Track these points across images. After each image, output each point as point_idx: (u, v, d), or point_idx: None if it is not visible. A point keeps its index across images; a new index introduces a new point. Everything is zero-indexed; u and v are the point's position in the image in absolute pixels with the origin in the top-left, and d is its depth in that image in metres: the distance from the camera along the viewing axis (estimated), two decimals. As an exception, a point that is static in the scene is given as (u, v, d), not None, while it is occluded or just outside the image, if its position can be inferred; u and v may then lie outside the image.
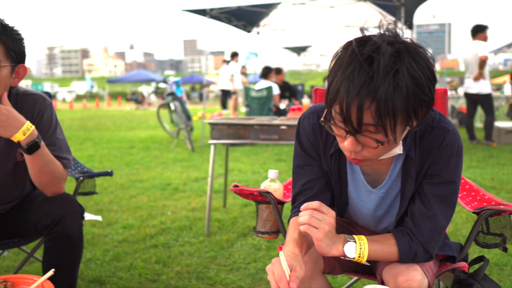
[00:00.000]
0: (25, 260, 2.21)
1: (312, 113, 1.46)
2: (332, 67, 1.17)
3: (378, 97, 1.08)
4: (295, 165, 1.51)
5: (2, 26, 1.74)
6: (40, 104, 1.93)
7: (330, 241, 1.26)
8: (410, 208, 1.37)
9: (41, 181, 1.90)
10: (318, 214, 1.25)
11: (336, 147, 1.40)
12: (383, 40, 1.11)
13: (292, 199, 1.55)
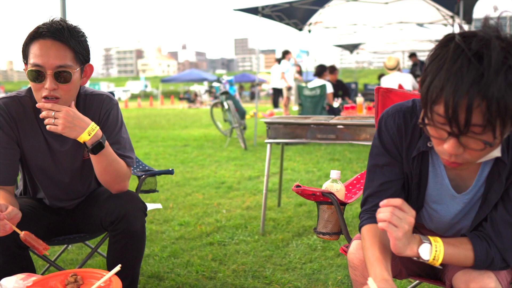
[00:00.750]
0: (90, 255, 2.28)
1: (398, 112, 1.40)
2: (429, 66, 1.11)
3: (490, 95, 1.01)
4: (373, 164, 1.46)
5: (69, 31, 1.77)
6: (107, 104, 1.99)
7: (406, 241, 1.21)
8: (491, 214, 1.30)
9: (105, 179, 1.95)
10: (400, 212, 1.20)
11: (419, 150, 1.34)
12: (490, 34, 1.04)
13: (363, 200, 1.49)
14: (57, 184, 2.05)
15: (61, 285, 1.55)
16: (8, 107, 1.89)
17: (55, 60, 1.73)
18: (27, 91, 1.94)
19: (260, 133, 9.10)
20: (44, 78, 1.73)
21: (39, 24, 1.77)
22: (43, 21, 1.79)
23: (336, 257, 2.99)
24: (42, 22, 1.78)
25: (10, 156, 1.89)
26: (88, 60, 1.88)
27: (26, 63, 1.81)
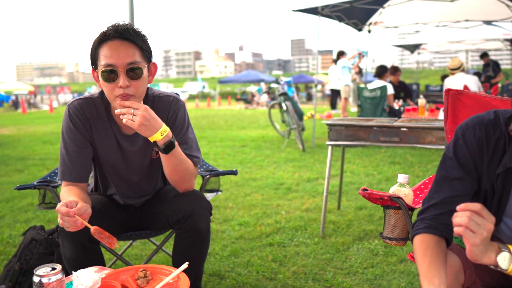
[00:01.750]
0: (155, 252, 2.35)
1: (479, 125, 1.35)
2: None
3: None
4: (442, 175, 1.41)
5: (133, 31, 1.84)
6: (174, 105, 2.04)
7: (484, 248, 1.16)
8: None
9: (174, 178, 2.00)
10: (478, 218, 1.15)
11: (505, 166, 1.28)
12: None
13: (423, 209, 1.44)
14: (127, 182, 2.13)
15: (132, 279, 1.60)
16: (82, 108, 1.98)
17: (125, 58, 1.79)
18: (99, 93, 2.03)
19: (318, 135, 9.03)
20: (117, 77, 1.80)
21: (104, 29, 1.85)
22: (107, 25, 1.87)
23: (399, 263, 2.92)
24: (106, 26, 1.86)
25: (84, 155, 1.98)
26: (151, 59, 1.94)
27: (94, 68, 1.88)
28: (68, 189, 1.91)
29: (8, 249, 3.36)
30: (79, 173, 1.96)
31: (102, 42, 1.83)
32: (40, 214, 4.22)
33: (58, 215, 1.60)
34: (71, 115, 1.96)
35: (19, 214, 4.29)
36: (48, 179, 2.42)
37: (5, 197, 4.96)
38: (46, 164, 7.04)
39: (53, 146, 9.25)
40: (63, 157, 1.97)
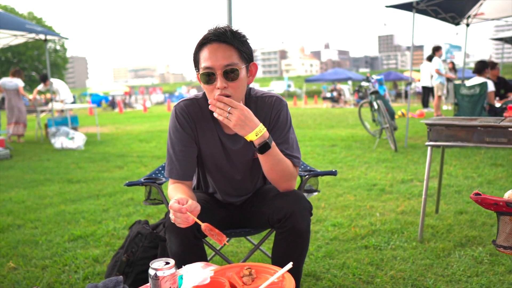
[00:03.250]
0: (253, 250, 2.38)
1: None
2: None
3: None
4: None
5: (231, 33, 1.88)
6: (277, 105, 2.06)
7: None
8: None
9: (273, 177, 2.02)
10: None
11: None
12: None
13: None
14: (229, 181, 2.18)
15: (237, 277, 1.63)
16: (188, 108, 2.06)
17: (222, 60, 1.84)
18: (203, 94, 2.09)
19: (411, 134, 8.71)
20: (215, 79, 1.85)
21: (205, 33, 1.91)
22: (208, 28, 1.93)
23: (507, 273, 2.72)
24: (207, 30, 1.92)
25: (190, 154, 2.05)
26: (251, 59, 1.96)
27: (197, 70, 1.95)
28: (175, 187, 1.99)
29: (113, 241, 3.58)
30: (185, 172, 2.03)
31: (202, 46, 1.90)
32: (140, 209, 4.45)
33: (167, 211, 1.67)
34: (178, 115, 2.04)
35: (121, 208, 4.55)
36: (153, 176, 2.55)
37: (108, 191, 5.30)
38: (143, 161, 7.43)
39: (148, 144, 9.74)
40: (170, 155, 2.06)
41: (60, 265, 3.15)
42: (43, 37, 10.34)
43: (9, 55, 45.55)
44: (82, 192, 5.36)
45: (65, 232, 3.83)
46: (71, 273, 3.01)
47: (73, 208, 4.59)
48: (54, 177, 6.30)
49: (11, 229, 4.00)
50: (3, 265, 3.19)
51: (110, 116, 23.95)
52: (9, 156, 8.45)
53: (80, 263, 3.16)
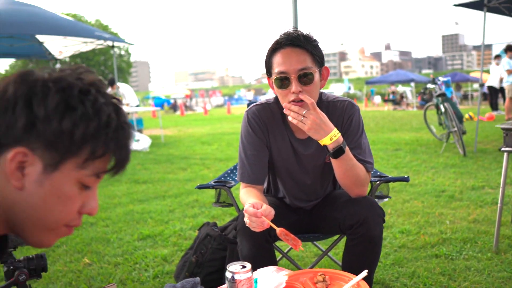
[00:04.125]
0: (322, 256, 2.36)
1: None
2: None
3: None
4: None
5: (304, 37, 1.88)
6: (349, 110, 2.03)
7: None
8: None
9: (345, 183, 1.99)
10: None
11: None
12: None
13: None
14: (300, 185, 2.17)
15: (311, 282, 1.62)
16: (260, 113, 2.07)
17: (297, 65, 1.84)
18: (274, 99, 2.10)
19: (480, 138, 8.32)
20: (289, 83, 1.85)
21: (276, 38, 1.91)
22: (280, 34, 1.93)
23: None
24: (279, 35, 1.92)
25: (261, 158, 2.07)
26: (323, 63, 1.95)
27: (269, 76, 1.96)
28: (247, 191, 2.01)
29: (180, 241, 3.66)
30: (257, 176, 2.05)
31: (275, 51, 1.91)
32: (205, 211, 4.53)
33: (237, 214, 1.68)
34: (250, 120, 2.06)
35: (187, 209, 4.66)
36: (222, 179, 2.58)
37: (173, 193, 5.44)
38: (206, 163, 7.56)
39: (210, 147, 9.91)
40: (242, 160, 2.08)
41: (131, 263, 3.26)
42: (110, 43, 10.79)
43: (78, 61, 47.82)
44: (149, 192, 5.53)
45: (134, 231, 3.96)
46: (142, 271, 3.11)
47: (141, 208, 4.75)
48: (122, 177, 6.54)
49: (85, 226, 4.19)
50: (78, 260, 3.35)
51: (172, 118, 24.60)
52: (80, 156, 8.86)
53: (149, 261, 3.26)
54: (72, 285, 2.98)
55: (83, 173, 0.82)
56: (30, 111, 0.76)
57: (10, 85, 0.78)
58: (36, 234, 0.83)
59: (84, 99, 0.79)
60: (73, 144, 0.78)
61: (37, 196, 0.79)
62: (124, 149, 0.85)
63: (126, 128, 0.84)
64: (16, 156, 0.77)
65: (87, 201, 0.87)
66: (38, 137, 0.77)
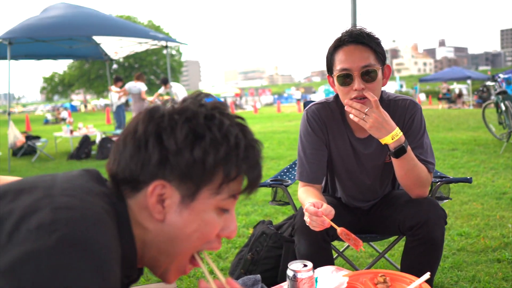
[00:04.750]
0: (378, 258, 2.33)
1: None
2: None
3: None
4: None
5: (367, 35, 1.86)
6: (411, 109, 2.00)
7: None
8: None
9: (406, 183, 1.96)
10: None
11: None
12: None
13: None
14: (358, 185, 2.15)
15: (371, 283, 1.61)
16: (320, 112, 2.07)
17: (360, 62, 1.82)
18: (334, 97, 2.09)
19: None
20: (351, 81, 1.84)
21: (338, 36, 1.90)
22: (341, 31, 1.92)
23: None
24: (341, 33, 1.91)
25: (320, 157, 2.06)
26: (385, 61, 1.92)
27: (330, 74, 1.96)
28: (306, 190, 2.01)
29: (233, 239, 3.70)
30: (316, 175, 2.05)
31: (337, 48, 1.90)
32: (258, 209, 4.56)
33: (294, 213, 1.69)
34: (309, 119, 2.06)
35: (240, 207, 4.70)
36: (278, 178, 2.60)
37: (226, 190, 5.50)
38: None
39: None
40: (301, 158, 2.09)
41: (187, 259, 3.33)
42: (164, 44, 11.04)
43: (131, 61, 49.24)
44: (202, 190, 5.62)
45: (189, 228, 4.04)
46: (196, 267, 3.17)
47: (195, 205, 4.83)
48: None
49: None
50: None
51: (223, 117, 24.84)
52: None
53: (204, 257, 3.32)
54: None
55: (219, 198, 0.83)
56: (161, 146, 0.79)
57: (139, 124, 0.81)
58: (165, 267, 0.87)
59: (211, 125, 0.80)
60: (206, 171, 0.79)
61: (178, 225, 0.82)
62: (257, 168, 0.85)
63: (255, 146, 0.84)
64: (155, 189, 0.79)
65: (227, 224, 0.88)
66: (172, 170, 0.79)
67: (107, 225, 0.74)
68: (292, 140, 10.37)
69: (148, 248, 0.85)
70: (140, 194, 0.82)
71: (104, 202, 0.79)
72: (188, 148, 0.79)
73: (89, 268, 0.66)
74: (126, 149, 0.81)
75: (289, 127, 14.54)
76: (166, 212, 0.81)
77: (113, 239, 0.74)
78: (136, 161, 0.80)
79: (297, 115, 22.01)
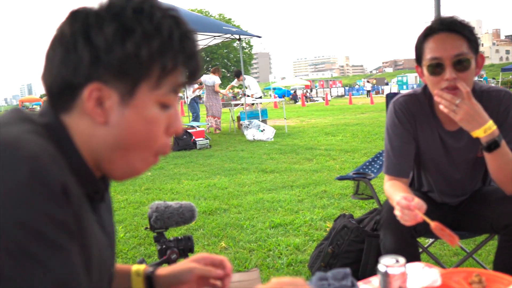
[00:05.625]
0: (466, 257, 2.24)
1: None
2: None
3: None
4: None
5: (460, 23, 1.77)
6: (506, 100, 1.89)
7: None
8: None
9: (500, 179, 1.86)
10: None
11: None
12: None
13: None
14: (447, 180, 2.07)
15: (465, 282, 1.54)
16: (407, 104, 2.01)
17: (452, 50, 1.74)
18: (422, 89, 2.02)
19: None
20: (442, 70, 1.76)
21: (428, 24, 1.83)
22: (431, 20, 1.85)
23: None
24: (431, 21, 1.85)
25: (408, 150, 2.01)
26: (478, 50, 1.82)
27: (418, 63, 1.89)
28: (393, 184, 1.96)
29: (311, 231, 3.71)
30: (403, 168, 2.00)
31: (427, 36, 1.83)
32: (334, 202, 4.53)
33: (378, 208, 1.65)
34: (397, 111, 2.01)
35: (315, 199, 4.69)
36: (361, 171, 2.56)
37: (301, 183, 5.51)
38: (332, 154, 7.53)
39: (334, 138, 9.85)
40: (387, 151, 2.04)
41: (265, 249, 3.38)
42: (237, 37, 11.19)
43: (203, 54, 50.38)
44: (276, 182, 5.67)
45: (265, 219, 4.09)
46: (275, 258, 3.20)
47: (270, 197, 4.88)
48: (250, 166, 6.78)
49: (219, 212, 4.42)
50: (215, 244, 3.56)
51: (293, 109, 24.86)
52: (208, 145, 9.36)
53: (282, 249, 3.35)
54: (211, 267, 3.17)
55: (159, 92, 0.81)
56: (91, 45, 0.76)
57: (65, 26, 0.79)
58: (125, 164, 0.84)
59: (140, 18, 0.77)
60: (141, 66, 0.77)
61: (122, 126, 0.79)
62: (194, 58, 0.83)
63: (190, 37, 0.82)
64: (91, 93, 0.77)
65: (171, 121, 0.85)
66: (106, 69, 0.76)
67: (35, 139, 0.72)
68: (366, 133, 10.17)
69: (101, 154, 0.82)
70: (77, 102, 0.79)
71: (29, 124, 0.76)
72: (119, 43, 0.76)
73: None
74: (56, 55, 0.78)
75: (363, 119, 14.26)
76: (107, 114, 0.79)
77: (44, 146, 0.71)
78: (67, 65, 0.77)
79: (370, 107, 21.54)
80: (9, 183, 0.64)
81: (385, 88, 47.49)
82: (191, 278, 1.04)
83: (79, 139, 0.80)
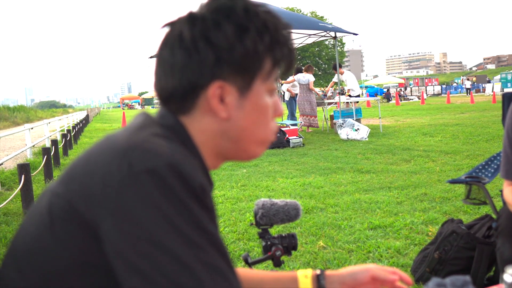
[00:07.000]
0: None
1: None
2: None
3: None
4: None
5: None
6: None
7: None
8: None
9: None
10: None
11: None
12: None
13: None
14: None
15: None
16: None
17: None
18: None
19: None
20: None
21: None
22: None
23: None
24: None
25: None
26: None
27: None
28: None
29: (412, 235, 3.60)
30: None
31: None
32: (435, 205, 4.35)
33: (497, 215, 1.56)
34: None
35: (415, 202, 4.54)
36: (473, 174, 2.44)
37: (399, 184, 5.35)
38: (431, 156, 7.23)
39: (433, 138, 9.44)
40: (507, 155, 1.93)
41: (364, 251, 3.33)
42: (333, 34, 11.06)
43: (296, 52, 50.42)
44: (373, 182, 5.55)
45: (364, 220, 4.03)
46: (375, 260, 3.15)
47: (367, 198, 4.80)
48: (345, 166, 6.70)
49: (315, 211, 4.43)
50: (313, 243, 3.57)
51: (387, 108, 24.13)
52: (302, 144, 9.38)
53: (382, 252, 3.28)
54: (310, 265, 3.19)
55: (269, 82, 0.87)
56: (213, 46, 0.81)
57: (183, 31, 0.83)
58: (248, 150, 0.90)
59: (250, 16, 0.82)
60: (258, 60, 0.83)
61: (243, 117, 0.85)
62: (293, 49, 0.89)
63: (287, 30, 0.87)
64: (215, 91, 0.82)
65: (275, 104, 0.90)
66: (229, 66, 0.82)
67: (167, 142, 0.78)
68: (468, 134, 9.62)
69: (223, 147, 0.88)
70: (198, 102, 0.84)
71: (159, 128, 0.82)
72: (239, 41, 0.80)
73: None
74: (176, 60, 0.82)
75: (463, 119, 13.50)
76: (229, 109, 0.84)
77: (177, 149, 0.77)
78: (192, 67, 0.82)
79: (470, 107, 20.33)
80: (155, 190, 0.70)
81: (486, 86, 44.41)
82: (366, 279, 1.06)
83: (199, 138, 0.87)
